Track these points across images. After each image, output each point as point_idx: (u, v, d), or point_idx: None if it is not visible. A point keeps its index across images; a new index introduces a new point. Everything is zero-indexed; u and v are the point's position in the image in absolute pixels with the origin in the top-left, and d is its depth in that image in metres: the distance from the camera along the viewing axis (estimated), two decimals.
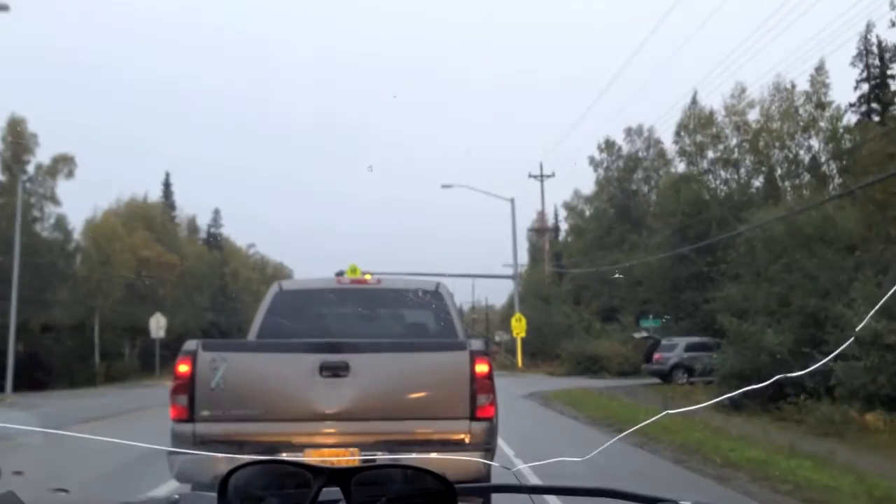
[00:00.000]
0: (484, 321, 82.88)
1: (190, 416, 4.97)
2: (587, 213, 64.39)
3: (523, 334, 40.49)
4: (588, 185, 61.85)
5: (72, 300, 40.84)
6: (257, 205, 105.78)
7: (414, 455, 4.70)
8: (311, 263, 75.95)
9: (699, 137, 39.09)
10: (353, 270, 35.76)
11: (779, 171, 37.54)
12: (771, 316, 22.40)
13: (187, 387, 4.97)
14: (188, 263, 48.27)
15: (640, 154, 56.63)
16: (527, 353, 41.38)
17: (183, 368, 4.99)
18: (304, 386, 5.01)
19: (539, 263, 59.77)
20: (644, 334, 29.07)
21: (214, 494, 1.11)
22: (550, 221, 62.11)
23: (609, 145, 57.27)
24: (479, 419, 5.06)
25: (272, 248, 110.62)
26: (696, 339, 28.42)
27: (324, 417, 4.98)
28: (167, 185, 61.89)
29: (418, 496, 1.05)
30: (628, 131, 56.72)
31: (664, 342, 28.13)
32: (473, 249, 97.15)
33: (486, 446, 5.08)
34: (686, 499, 1.11)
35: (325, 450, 4.95)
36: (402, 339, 6.12)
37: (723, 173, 38.72)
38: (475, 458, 4.78)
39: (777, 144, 37.23)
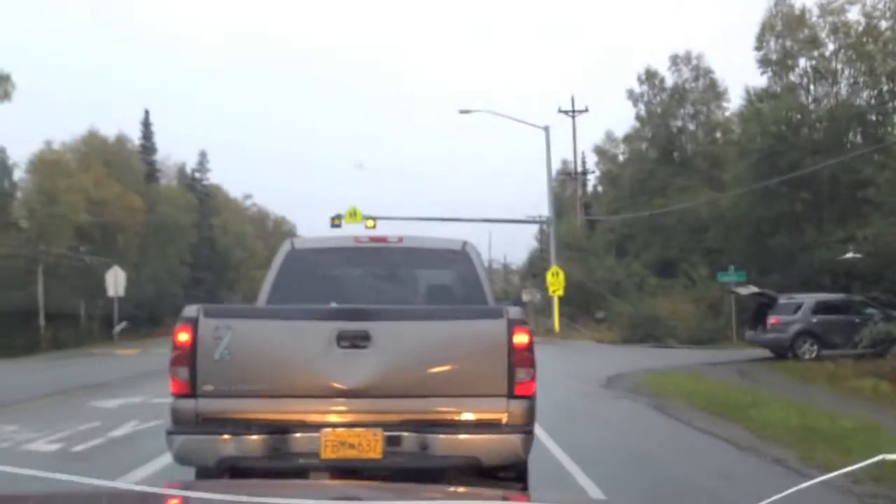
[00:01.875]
0: (501, 281, 74.25)
1: (192, 390, 4.28)
2: (620, 157, 55.52)
3: (561, 292, 31.81)
4: (622, 127, 52.90)
5: (10, 249, 32.52)
6: (253, 151, 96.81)
7: (443, 436, 4.01)
8: (313, 211, 67.01)
9: (788, 42, 29.92)
10: (353, 214, 22.19)
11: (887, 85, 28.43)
12: None
13: (188, 358, 4.28)
14: (159, 209, 39.44)
15: (686, 86, 47.43)
16: (562, 314, 32.75)
17: (183, 337, 4.27)
18: (320, 358, 4.28)
19: (567, 214, 51.09)
20: (753, 290, 20.56)
21: None
22: (579, 169, 52.91)
23: (651, 76, 48.09)
24: (517, 397, 4.27)
25: (271, 197, 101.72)
26: (828, 297, 19.67)
27: (342, 394, 4.27)
28: (146, 124, 53.00)
29: None
30: (674, 59, 47.46)
31: (783, 301, 19.54)
32: (494, 195, 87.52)
33: (526, 428, 4.27)
34: None
35: (343, 430, 4.18)
36: (430, 306, 5.43)
37: (816, 88, 29.62)
38: (513, 441, 4.16)
39: (889, 48, 28.07)
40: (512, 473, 4.34)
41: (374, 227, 34.20)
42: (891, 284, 21.33)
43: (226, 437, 4.12)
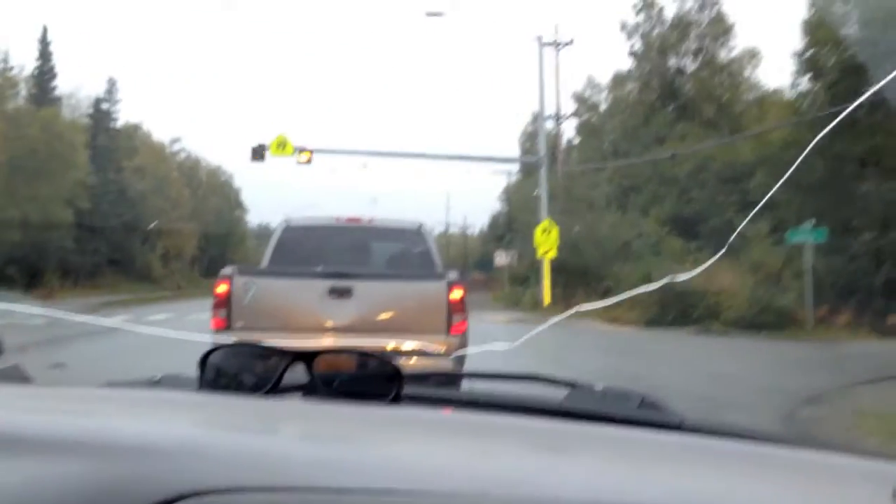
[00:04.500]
0: (461, 246, 65.84)
1: (228, 326, 5.81)
2: (603, 106, 47.23)
3: (553, 253, 23.41)
4: (605, 74, 44.74)
5: None
6: (184, 92, 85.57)
7: (402, 360, 4.78)
8: (244, 150, 56.75)
9: None
10: (282, 145, 16.65)
11: None
12: None
13: (226, 303, 5.85)
14: (29, 135, 29.52)
15: (690, 18, 39.07)
16: (553, 284, 24.34)
17: (222, 289, 5.88)
18: (317, 305, 5.91)
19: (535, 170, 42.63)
20: None
21: (193, 374, 1.15)
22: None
23: (649, 5, 39.65)
24: (453, 334, 5.91)
25: (204, 143, 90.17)
26: None
27: (331, 331, 5.83)
28: (44, 42, 43.01)
29: (371, 375, 1.12)
30: None
31: None
32: (457, 137, 77.67)
33: (459, 355, 5.65)
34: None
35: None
36: (394, 270, 6.96)
37: None
38: (451, 365, 5.50)
39: None
40: None
41: (310, 161, 25.43)
42: None
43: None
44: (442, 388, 1.29)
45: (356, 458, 0.79)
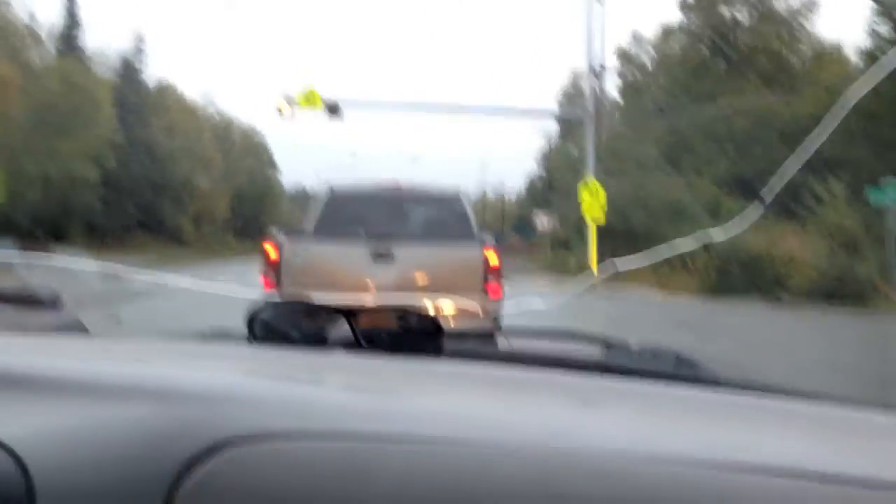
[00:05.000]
0: (497, 209, 63.95)
1: (278, 286, 6.22)
2: (648, 64, 44.71)
3: (600, 216, 21.56)
4: (650, 27, 42.14)
5: None
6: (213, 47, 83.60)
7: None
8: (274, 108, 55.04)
9: None
10: (310, 98, 15.85)
11: None
12: None
13: (276, 266, 6.29)
14: (49, 87, 28.14)
15: None
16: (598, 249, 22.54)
17: (272, 252, 6.33)
18: (361, 267, 6.35)
19: (576, 130, 40.28)
20: None
21: (242, 330, 1.19)
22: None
23: None
24: (490, 296, 6.30)
25: (229, 95, 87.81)
26: None
27: (374, 290, 6.22)
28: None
29: (411, 331, 1.15)
30: None
31: None
32: (495, 93, 74.55)
33: (495, 315, 6.23)
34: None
35: None
36: (434, 235, 7.24)
37: None
38: (488, 324, 5.88)
39: None
40: None
41: (338, 113, 23.79)
42: None
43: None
44: (480, 345, 1.32)
45: (397, 407, 0.83)
